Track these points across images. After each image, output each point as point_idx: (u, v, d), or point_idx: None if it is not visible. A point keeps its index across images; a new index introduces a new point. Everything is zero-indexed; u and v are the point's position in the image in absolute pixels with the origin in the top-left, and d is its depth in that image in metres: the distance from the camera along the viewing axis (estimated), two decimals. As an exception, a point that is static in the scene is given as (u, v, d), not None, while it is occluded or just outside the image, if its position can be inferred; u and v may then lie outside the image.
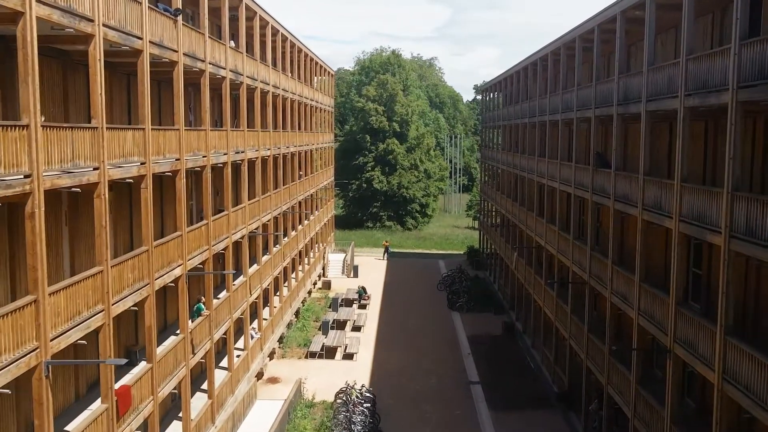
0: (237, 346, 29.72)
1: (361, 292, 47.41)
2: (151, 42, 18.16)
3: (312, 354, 35.74)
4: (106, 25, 15.36)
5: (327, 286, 51.66)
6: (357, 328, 41.12)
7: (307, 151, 48.17)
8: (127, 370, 20.23)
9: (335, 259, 58.05)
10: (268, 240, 35.18)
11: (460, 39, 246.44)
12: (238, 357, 28.35)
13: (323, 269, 55.07)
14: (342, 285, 51.67)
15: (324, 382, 31.49)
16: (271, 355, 34.78)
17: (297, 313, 42.20)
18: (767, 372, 13.63)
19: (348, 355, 36.04)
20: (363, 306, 46.40)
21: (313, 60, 50.85)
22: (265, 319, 33.78)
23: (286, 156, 39.37)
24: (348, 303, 45.90)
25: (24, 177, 12.36)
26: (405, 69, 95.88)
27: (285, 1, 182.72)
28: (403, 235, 77.95)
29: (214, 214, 26.33)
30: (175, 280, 20.62)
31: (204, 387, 24.90)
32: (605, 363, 24.16)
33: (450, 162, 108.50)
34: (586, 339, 26.64)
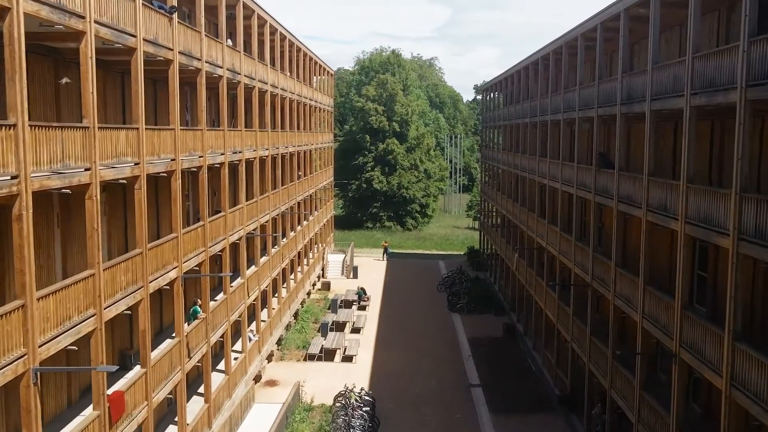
0: (235, 348, 29.36)
1: (361, 293, 46.99)
2: (146, 40, 17.78)
3: (311, 356, 35.37)
4: (98, 22, 14.99)
5: (326, 287, 51.25)
6: (356, 329, 40.72)
7: (306, 151, 47.78)
8: (122, 374, 19.84)
9: (334, 260, 57.65)
10: (266, 241, 34.81)
11: (460, 39, 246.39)
12: (235, 360, 27.97)
13: (322, 270, 54.70)
14: (341, 286, 51.28)
15: (323, 384, 31.15)
16: (270, 358, 34.40)
17: (296, 315, 41.81)
18: (777, 379, 13.27)
19: (347, 358, 35.66)
20: (362, 307, 46.00)
21: (312, 59, 50.48)
22: (263, 321, 33.40)
23: (284, 156, 38.99)
24: (347, 304, 45.53)
25: (11, 178, 11.99)
26: (405, 69, 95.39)
27: (285, 1, 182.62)
28: (403, 236, 77.57)
29: (211, 215, 25.98)
30: (171, 282, 20.22)
31: (201, 390, 24.51)
32: (608, 366, 23.77)
33: (450, 162, 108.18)
34: (588, 342, 26.26)
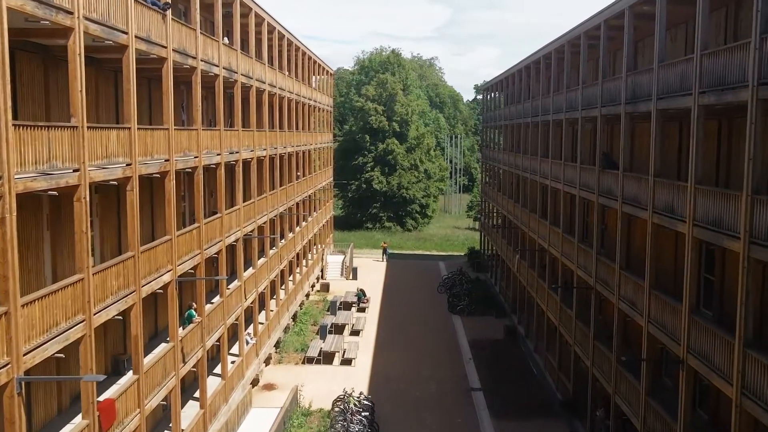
0: (232, 351, 28.88)
1: (360, 294, 46.47)
2: (138, 37, 17.28)
3: (309, 359, 34.86)
4: (87, 18, 14.48)
5: (325, 288, 50.75)
6: (356, 332, 40.20)
7: (305, 151, 47.28)
8: (114, 380, 19.37)
9: (334, 261, 57.13)
10: (264, 243, 34.32)
11: (460, 39, 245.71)
12: (232, 363, 27.50)
13: (322, 271, 54.21)
14: (341, 287, 50.77)
15: (321, 388, 30.67)
16: (267, 361, 33.90)
17: (294, 317, 41.31)
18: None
19: (346, 361, 35.16)
20: (362, 309, 45.50)
21: (312, 59, 49.99)
22: (261, 324, 32.91)
23: (283, 156, 38.50)
24: (347, 306, 45.03)
25: (-6, 180, 11.51)
26: (405, 68, 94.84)
27: (285, 1, 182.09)
28: (403, 236, 77.06)
29: (208, 216, 25.49)
30: (164, 286, 19.71)
31: (197, 395, 24.02)
32: (612, 371, 23.28)
33: (450, 162, 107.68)
34: (591, 345, 25.76)
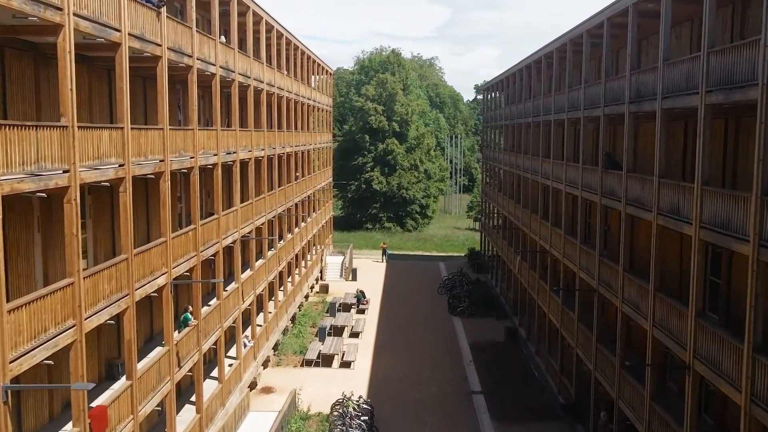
0: (229, 354, 28.48)
1: (360, 296, 46.05)
2: (131, 35, 16.87)
3: (308, 362, 34.46)
4: (78, 15, 14.08)
5: (325, 289, 50.35)
6: (355, 334, 39.80)
7: (305, 152, 46.86)
8: (108, 386, 18.98)
9: (333, 262, 56.72)
10: (262, 244, 33.91)
11: (460, 39, 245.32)
12: (230, 366, 27.09)
13: (321, 272, 53.80)
14: (340, 288, 50.36)
15: (320, 392, 30.29)
16: (266, 364, 33.49)
17: (293, 319, 40.89)
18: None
19: (345, 363, 34.75)
20: (361, 311, 45.08)
21: (311, 58, 49.58)
22: (259, 326, 32.52)
23: (281, 156, 38.09)
24: (346, 308, 44.63)
25: (-22, 181, 11.12)
26: (405, 68, 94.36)
27: (285, 1, 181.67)
28: (403, 237, 76.64)
29: (205, 217, 25.09)
30: (159, 289, 19.31)
31: (193, 399, 23.62)
32: (616, 375, 22.87)
33: (450, 162, 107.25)
34: (594, 349, 25.36)
